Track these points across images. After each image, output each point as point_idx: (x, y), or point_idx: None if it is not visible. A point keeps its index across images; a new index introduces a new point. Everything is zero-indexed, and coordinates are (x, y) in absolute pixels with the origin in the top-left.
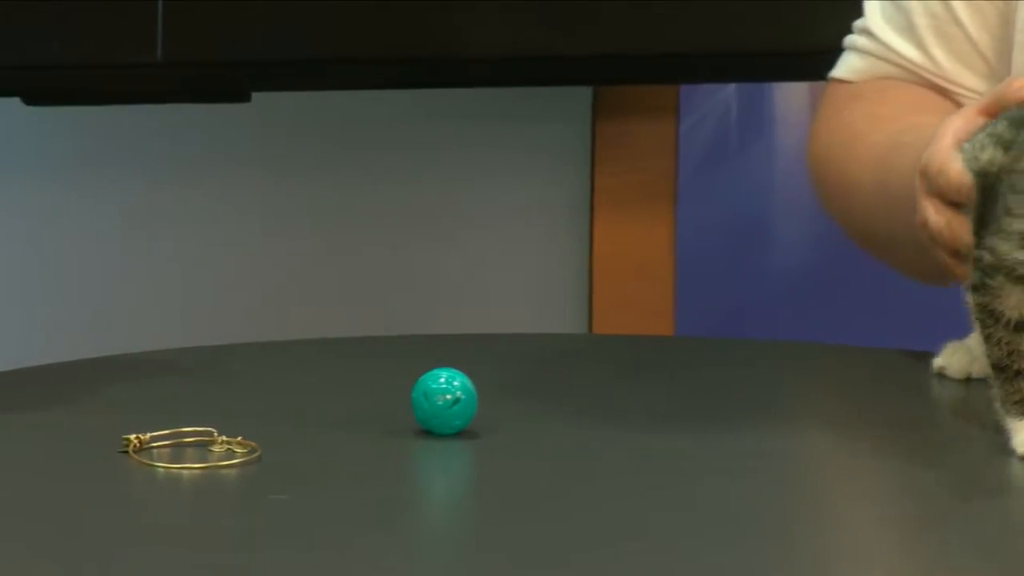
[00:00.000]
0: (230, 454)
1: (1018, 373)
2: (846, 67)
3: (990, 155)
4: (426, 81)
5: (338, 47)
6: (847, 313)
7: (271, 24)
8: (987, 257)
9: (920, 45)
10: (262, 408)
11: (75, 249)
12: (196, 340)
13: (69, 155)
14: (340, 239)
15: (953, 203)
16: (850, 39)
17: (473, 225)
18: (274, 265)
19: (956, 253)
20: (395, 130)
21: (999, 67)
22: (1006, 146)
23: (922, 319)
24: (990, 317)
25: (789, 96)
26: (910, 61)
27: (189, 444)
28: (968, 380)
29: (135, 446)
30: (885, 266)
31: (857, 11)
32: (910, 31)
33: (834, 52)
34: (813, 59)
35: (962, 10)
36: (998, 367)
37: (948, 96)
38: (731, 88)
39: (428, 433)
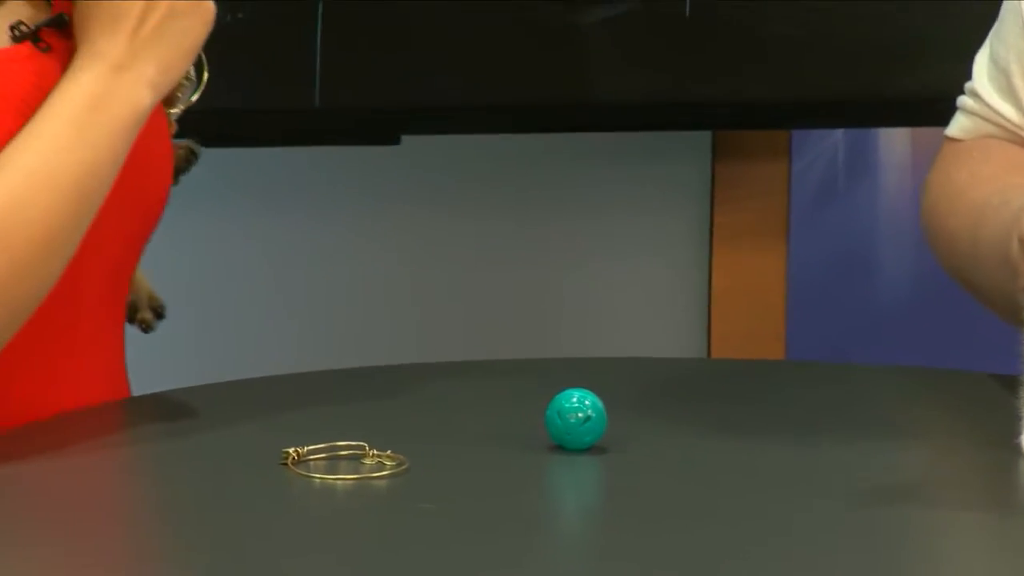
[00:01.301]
0: (380, 466)
1: None
2: (956, 126)
3: None
4: (562, 125)
5: (481, 94)
6: (946, 342)
7: (419, 72)
8: None
9: (1019, 105)
10: (410, 424)
11: (234, 278)
12: (348, 363)
13: (231, 190)
14: (479, 270)
15: None
16: (961, 100)
17: (604, 257)
18: (417, 294)
19: None
20: (533, 170)
21: None
22: None
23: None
24: None
25: (893, 140)
26: (1010, 121)
27: (343, 457)
28: None
29: (293, 459)
30: None
31: (955, 61)
32: (1010, 92)
33: (934, 101)
34: (915, 106)
35: None
36: None
37: None
38: (839, 133)
39: (561, 448)
